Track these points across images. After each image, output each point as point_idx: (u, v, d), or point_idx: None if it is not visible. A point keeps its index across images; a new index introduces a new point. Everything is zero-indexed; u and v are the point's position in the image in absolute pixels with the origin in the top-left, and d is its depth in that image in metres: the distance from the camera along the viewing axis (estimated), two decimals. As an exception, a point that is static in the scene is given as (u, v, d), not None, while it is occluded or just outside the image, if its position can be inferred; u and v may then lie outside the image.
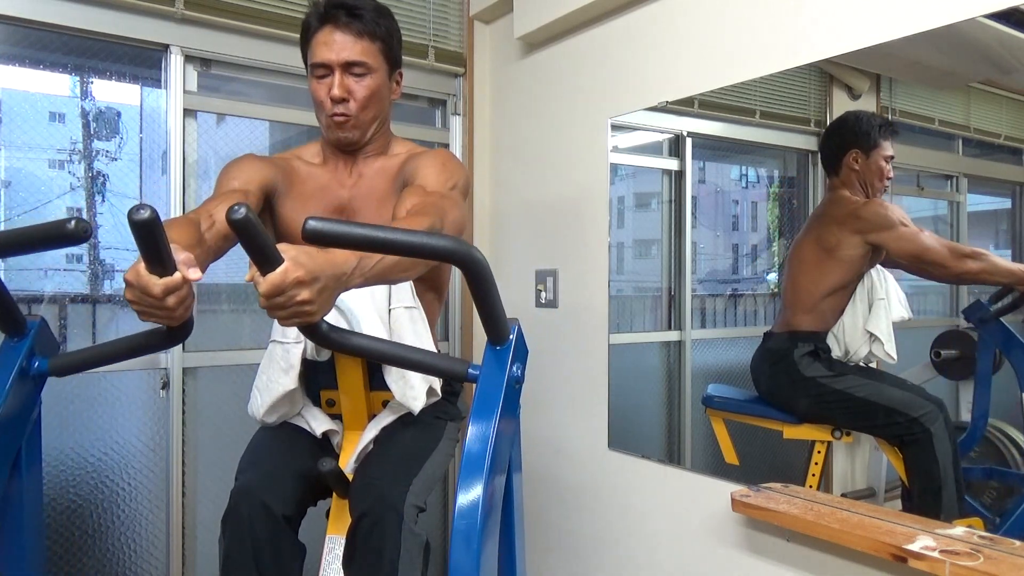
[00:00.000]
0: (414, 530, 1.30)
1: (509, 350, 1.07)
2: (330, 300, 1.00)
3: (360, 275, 1.05)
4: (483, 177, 2.50)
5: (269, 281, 0.92)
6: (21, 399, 1.07)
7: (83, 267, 1.98)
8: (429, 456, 1.44)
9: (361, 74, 1.44)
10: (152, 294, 0.94)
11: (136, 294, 0.95)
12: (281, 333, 1.43)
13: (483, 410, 1.01)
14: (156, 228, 0.88)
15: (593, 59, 2.06)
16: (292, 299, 0.94)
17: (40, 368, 1.10)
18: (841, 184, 1.55)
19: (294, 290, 0.93)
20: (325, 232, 0.88)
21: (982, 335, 1.40)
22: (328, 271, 0.97)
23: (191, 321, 1.07)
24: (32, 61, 1.83)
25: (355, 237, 0.89)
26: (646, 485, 1.89)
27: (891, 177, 1.50)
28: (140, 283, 0.94)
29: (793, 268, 1.67)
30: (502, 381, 1.04)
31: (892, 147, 1.49)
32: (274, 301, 0.94)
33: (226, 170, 1.48)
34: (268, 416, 1.46)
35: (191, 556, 2.01)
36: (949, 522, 1.31)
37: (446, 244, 0.94)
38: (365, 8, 1.43)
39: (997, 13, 1.22)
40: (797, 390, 1.61)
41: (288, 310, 0.95)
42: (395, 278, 1.17)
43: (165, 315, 0.98)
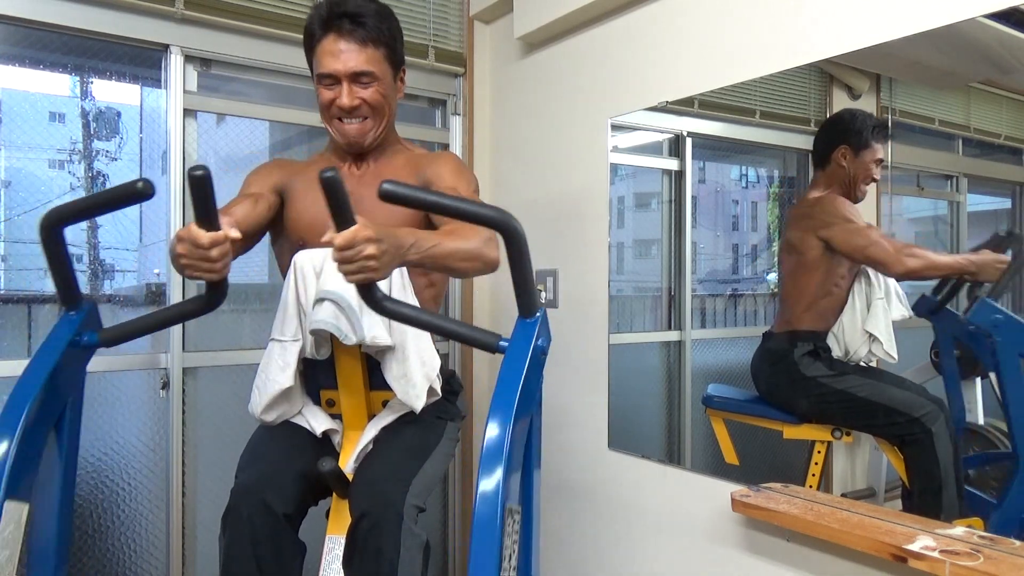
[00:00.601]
0: (414, 530, 1.30)
1: (536, 324, 1.17)
2: (390, 264, 1.13)
3: (416, 252, 1.20)
4: (483, 177, 2.49)
5: (343, 235, 1.06)
6: (71, 364, 1.20)
7: (83, 267, 1.98)
8: (429, 456, 1.44)
9: (368, 82, 1.46)
10: (200, 244, 1.09)
11: (186, 246, 1.10)
12: (280, 331, 1.43)
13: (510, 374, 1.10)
14: (208, 186, 1.04)
15: (593, 59, 2.06)
16: (360, 253, 1.07)
17: (90, 340, 1.23)
18: (824, 179, 1.58)
19: (363, 245, 1.07)
20: (396, 192, 1.03)
21: (936, 327, 1.45)
22: (391, 239, 1.13)
23: (226, 283, 1.20)
24: (32, 61, 1.83)
25: (420, 199, 1.07)
26: (646, 485, 1.89)
27: (877, 179, 1.51)
28: (191, 235, 1.09)
29: (782, 269, 1.69)
30: (528, 349, 1.13)
31: (883, 151, 1.50)
32: (344, 254, 1.07)
33: (250, 175, 1.60)
34: (267, 414, 1.46)
35: (191, 556, 2.01)
36: (949, 522, 1.31)
37: (492, 212, 1.09)
38: (367, 14, 1.44)
39: (997, 13, 1.22)
40: (797, 390, 1.61)
41: (355, 264, 1.08)
42: (449, 265, 1.29)
43: (208, 267, 1.12)
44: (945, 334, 1.45)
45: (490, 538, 0.99)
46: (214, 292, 1.20)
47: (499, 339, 1.17)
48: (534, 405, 1.21)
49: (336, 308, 1.34)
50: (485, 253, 1.34)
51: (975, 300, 1.39)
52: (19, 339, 1.84)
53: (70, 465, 1.24)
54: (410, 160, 1.58)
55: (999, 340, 1.37)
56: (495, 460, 1.02)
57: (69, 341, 1.18)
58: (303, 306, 1.41)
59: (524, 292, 1.16)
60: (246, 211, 1.45)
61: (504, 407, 1.06)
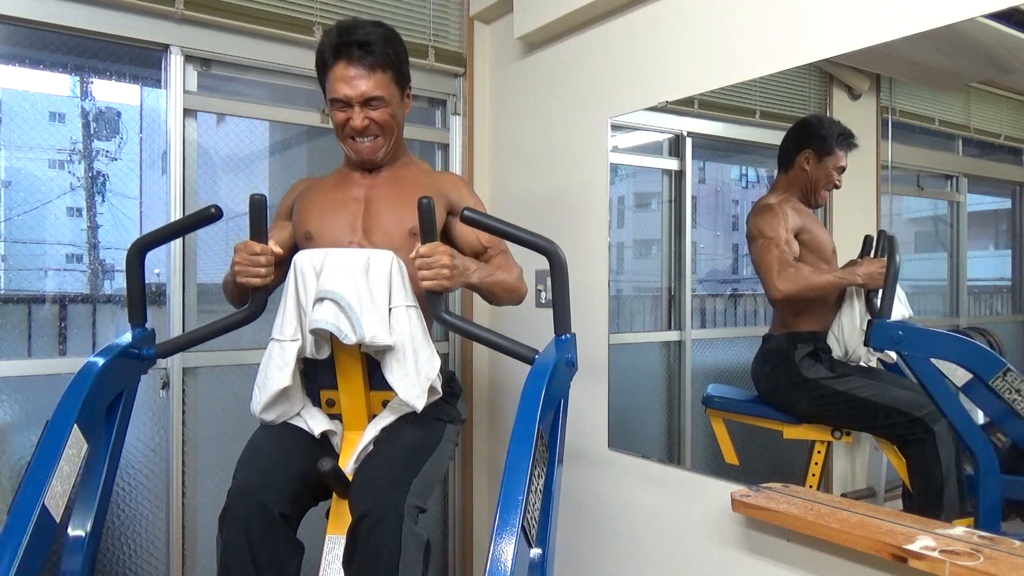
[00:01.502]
0: (414, 530, 1.30)
1: (567, 343, 1.36)
2: (459, 277, 1.40)
3: (478, 276, 1.48)
4: (483, 177, 2.49)
5: (428, 245, 1.35)
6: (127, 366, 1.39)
7: (83, 267, 1.98)
8: (429, 457, 1.44)
9: (378, 105, 1.55)
10: (254, 251, 1.40)
11: (242, 255, 1.40)
12: (279, 331, 1.44)
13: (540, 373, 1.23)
14: (264, 208, 1.39)
15: (593, 59, 2.06)
16: (438, 261, 1.35)
17: (148, 352, 1.45)
18: (786, 180, 1.60)
19: (440, 255, 1.35)
20: (475, 219, 1.34)
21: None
22: (462, 259, 1.43)
23: (267, 297, 1.46)
24: (32, 61, 1.83)
25: (492, 226, 1.36)
26: (646, 485, 1.89)
27: (838, 186, 1.52)
28: (247, 245, 1.40)
29: None
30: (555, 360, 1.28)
31: (846, 159, 1.51)
32: (426, 260, 1.35)
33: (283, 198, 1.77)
34: (267, 414, 1.46)
35: (191, 556, 2.00)
36: (949, 522, 1.31)
37: (544, 242, 1.35)
38: (375, 41, 1.51)
39: (997, 13, 1.21)
40: (798, 392, 1.61)
41: (433, 270, 1.35)
42: (498, 293, 1.57)
43: (256, 271, 1.41)
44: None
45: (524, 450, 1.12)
46: (257, 299, 1.45)
47: (536, 353, 1.35)
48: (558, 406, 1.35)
49: (336, 308, 1.35)
50: (521, 288, 1.63)
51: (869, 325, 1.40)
52: (19, 339, 1.84)
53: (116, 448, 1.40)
54: (421, 174, 1.68)
55: (907, 354, 1.39)
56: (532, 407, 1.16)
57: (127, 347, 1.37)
58: (303, 306, 1.41)
59: (561, 313, 1.36)
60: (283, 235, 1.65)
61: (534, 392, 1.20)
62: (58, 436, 1.16)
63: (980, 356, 1.34)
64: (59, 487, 1.14)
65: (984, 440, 1.34)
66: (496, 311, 2.46)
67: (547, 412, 1.23)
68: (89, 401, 1.22)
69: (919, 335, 1.39)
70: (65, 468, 1.15)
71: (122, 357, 1.35)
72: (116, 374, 1.33)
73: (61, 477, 1.14)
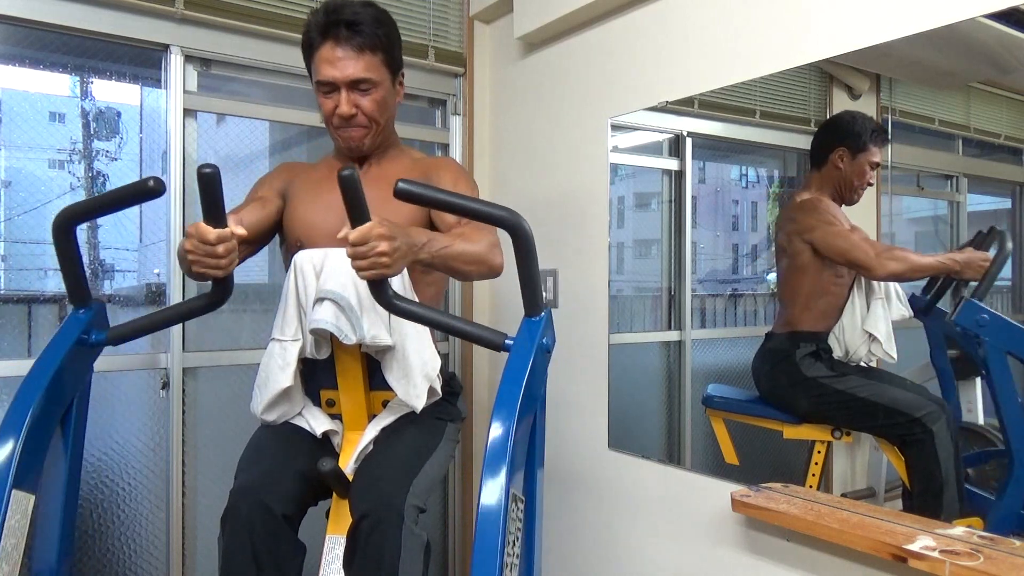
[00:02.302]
0: (415, 530, 1.30)
1: (542, 323, 1.20)
2: (402, 261, 1.17)
3: (428, 252, 1.24)
4: (483, 177, 2.49)
5: (358, 231, 1.11)
6: (77, 362, 1.23)
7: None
8: (430, 457, 1.44)
9: (367, 89, 1.47)
10: (207, 240, 1.14)
11: (193, 242, 1.15)
12: (280, 331, 1.43)
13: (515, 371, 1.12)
14: (217, 184, 1.11)
15: (593, 59, 2.06)
16: (373, 249, 1.11)
17: (98, 338, 1.27)
18: (819, 179, 1.58)
19: (376, 241, 1.11)
20: (411, 191, 1.08)
21: (926, 326, 1.46)
22: (405, 237, 1.16)
23: (231, 282, 1.24)
24: (32, 61, 1.83)
25: (433, 197, 1.12)
26: (646, 485, 1.89)
27: (872, 183, 1.51)
28: (199, 231, 1.14)
29: (778, 271, 1.70)
30: (532, 347, 1.15)
31: (881, 154, 1.50)
32: (358, 250, 1.12)
33: (259, 179, 1.65)
34: (268, 414, 1.46)
35: (191, 556, 2.00)
36: (949, 522, 1.31)
37: (502, 212, 1.13)
38: (364, 21, 1.44)
39: (997, 13, 1.21)
40: (798, 390, 1.61)
41: (368, 259, 1.12)
42: (456, 267, 1.32)
43: (213, 263, 1.17)
44: (936, 333, 1.46)
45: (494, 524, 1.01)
46: (219, 289, 1.24)
47: (505, 337, 1.19)
48: (538, 402, 1.22)
49: (336, 308, 1.35)
50: (491, 258, 1.39)
51: (960, 301, 1.39)
52: (19, 339, 1.84)
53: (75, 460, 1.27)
54: (412, 163, 1.61)
55: (986, 340, 1.37)
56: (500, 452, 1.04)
57: (76, 339, 1.21)
58: (303, 306, 1.41)
59: (530, 291, 1.20)
60: (254, 214, 1.47)
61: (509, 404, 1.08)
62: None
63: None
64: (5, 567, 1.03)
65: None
66: (496, 302, 2.46)
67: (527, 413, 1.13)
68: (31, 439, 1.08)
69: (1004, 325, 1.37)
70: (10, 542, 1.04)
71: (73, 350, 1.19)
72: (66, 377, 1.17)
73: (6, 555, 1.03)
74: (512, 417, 1.06)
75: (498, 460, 1.04)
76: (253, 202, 1.54)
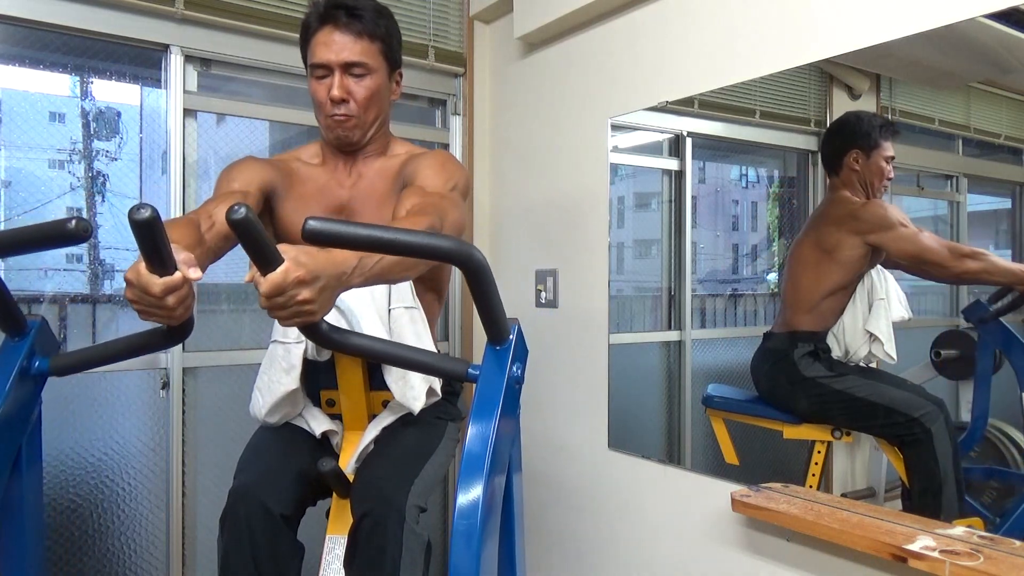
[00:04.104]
0: (416, 530, 1.30)
1: (509, 350, 1.08)
2: (331, 300, 1.01)
3: (360, 275, 1.06)
4: (483, 177, 2.50)
5: (270, 281, 0.92)
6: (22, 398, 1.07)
7: (83, 267, 1.98)
8: (430, 456, 1.44)
9: (361, 75, 1.44)
10: (152, 293, 0.95)
11: (136, 293, 0.96)
12: (282, 333, 1.43)
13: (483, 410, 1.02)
14: (157, 227, 0.88)
15: (593, 59, 2.06)
16: (293, 299, 0.94)
17: (40, 368, 1.10)
18: (842, 184, 1.55)
19: (295, 290, 0.94)
20: (325, 232, 0.88)
21: (982, 335, 1.40)
22: (329, 270, 0.98)
23: (191, 321, 1.07)
24: (32, 61, 1.83)
25: (355, 237, 0.90)
26: (646, 485, 1.89)
27: (891, 178, 1.50)
28: (140, 282, 0.94)
29: (793, 268, 1.67)
30: (502, 381, 1.04)
31: (893, 147, 1.49)
32: (275, 301, 0.94)
33: (226, 172, 1.48)
34: (270, 416, 1.46)
35: (191, 556, 2.01)
36: (949, 522, 1.31)
37: (446, 244, 0.95)
38: (365, 8, 1.43)
39: (997, 13, 1.22)
40: (797, 390, 1.61)
41: (289, 310, 0.96)
42: (395, 277, 1.17)
43: (165, 314, 0.99)
44: (988, 344, 1.40)
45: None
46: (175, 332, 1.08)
47: (468, 366, 1.08)
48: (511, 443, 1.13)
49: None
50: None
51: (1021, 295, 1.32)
52: (19, 339, 1.84)
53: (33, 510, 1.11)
54: (401, 162, 1.53)
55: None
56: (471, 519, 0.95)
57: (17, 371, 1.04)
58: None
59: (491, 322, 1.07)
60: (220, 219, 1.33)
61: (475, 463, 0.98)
62: None
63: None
64: None
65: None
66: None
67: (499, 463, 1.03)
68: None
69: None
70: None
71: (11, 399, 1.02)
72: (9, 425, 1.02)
73: None
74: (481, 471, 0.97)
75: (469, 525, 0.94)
76: (229, 196, 1.38)
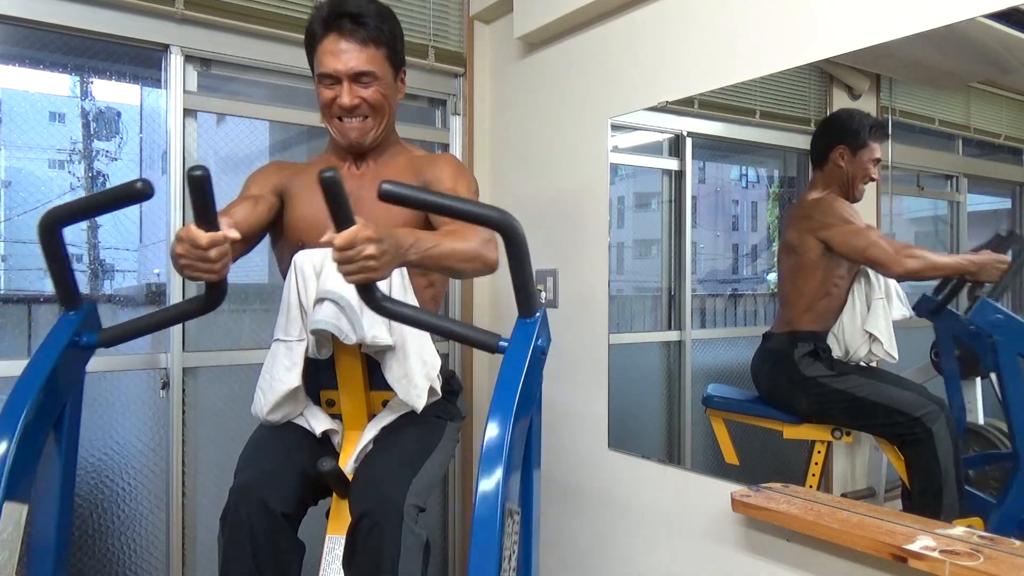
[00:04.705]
0: (414, 530, 1.30)
1: (536, 324, 1.17)
2: (391, 264, 1.14)
3: (416, 252, 1.20)
4: (483, 177, 2.49)
5: (344, 235, 1.07)
6: (71, 363, 1.20)
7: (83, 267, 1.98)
8: (429, 456, 1.44)
9: (368, 82, 1.47)
10: (199, 244, 1.10)
11: (185, 246, 1.11)
12: (284, 332, 1.43)
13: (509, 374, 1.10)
14: (208, 186, 1.05)
15: (593, 59, 2.06)
16: (360, 253, 1.08)
17: (89, 341, 1.23)
18: (822, 179, 1.58)
19: (363, 245, 1.07)
20: (395, 193, 1.04)
21: (936, 327, 1.45)
22: (391, 239, 1.13)
23: (226, 284, 1.20)
24: (32, 61, 1.83)
25: (419, 199, 1.08)
26: (646, 485, 1.89)
27: (875, 179, 1.51)
28: (190, 235, 1.09)
29: (779, 270, 1.69)
30: (528, 349, 1.13)
31: (881, 150, 1.50)
32: (345, 254, 1.08)
33: (250, 177, 1.60)
34: (272, 415, 1.46)
35: (191, 556, 2.01)
36: (949, 522, 1.31)
37: (492, 212, 1.09)
38: (368, 15, 1.44)
39: (997, 13, 1.22)
40: (797, 390, 1.61)
41: (355, 264, 1.09)
42: (447, 266, 1.29)
43: (207, 268, 1.13)
44: (946, 334, 1.45)
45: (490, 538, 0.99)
46: (213, 292, 1.20)
47: (499, 339, 1.17)
48: (534, 405, 1.21)
49: (336, 308, 1.35)
50: (484, 254, 1.35)
51: (975, 300, 1.39)
52: (19, 339, 1.84)
53: (69, 466, 1.24)
54: (410, 161, 1.59)
55: (999, 340, 1.37)
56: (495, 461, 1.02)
57: (68, 341, 1.18)
58: (304, 306, 1.41)
59: (524, 292, 1.16)
60: (246, 213, 1.45)
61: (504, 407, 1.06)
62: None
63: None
64: None
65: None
66: (494, 305, 2.46)
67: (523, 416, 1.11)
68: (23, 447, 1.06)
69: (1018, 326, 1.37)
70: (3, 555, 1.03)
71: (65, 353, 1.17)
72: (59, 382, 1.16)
73: None
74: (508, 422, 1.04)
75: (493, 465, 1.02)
76: (246, 200, 1.51)
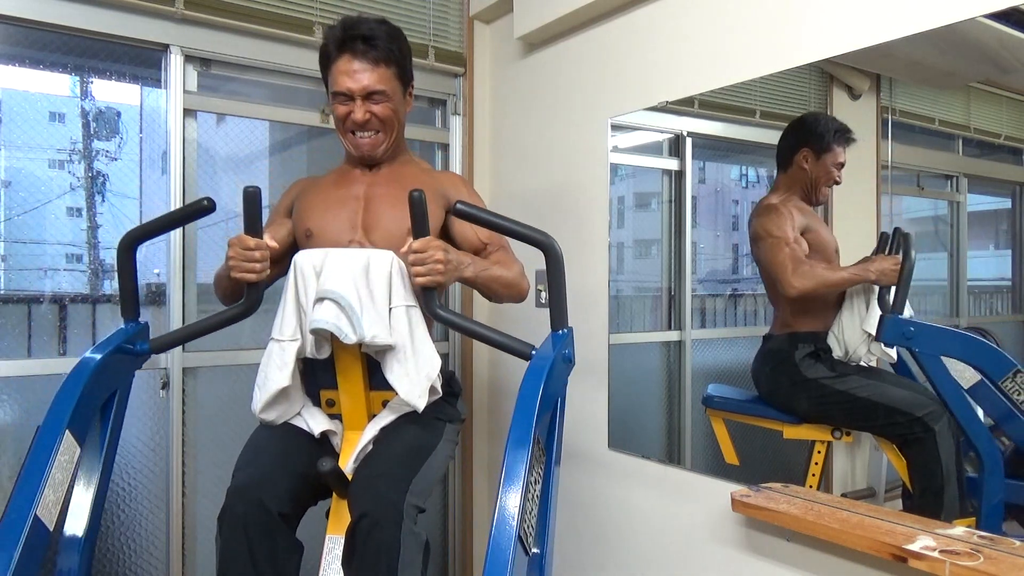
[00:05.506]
0: (414, 530, 1.30)
1: (564, 337, 1.34)
2: (453, 273, 1.40)
3: (472, 271, 1.46)
4: (483, 177, 2.49)
5: (420, 241, 1.34)
6: (118, 365, 1.35)
7: (83, 267, 1.98)
8: (429, 456, 1.44)
9: (380, 99, 1.56)
10: (247, 246, 1.36)
11: (236, 249, 1.36)
12: (279, 331, 1.44)
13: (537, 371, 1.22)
14: (259, 201, 1.33)
15: (593, 59, 2.06)
16: (431, 256, 1.34)
17: (142, 348, 1.41)
18: (785, 180, 1.60)
19: (434, 251, 1.34)
20: (465, 211, 1.33)
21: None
22: (455, 254, 1.42)
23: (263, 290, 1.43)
24: (32, 61, 1.83)
25: (484, 219, 1.36)
26: (646, 485, 1.89)
27: (838, 182, 1.52)
28: (241, 239, 1.37)
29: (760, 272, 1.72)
30: (552, 356, 1.26)
31: (844, 154, 1.51)
32: (419, 256, 1.34)
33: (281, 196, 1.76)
34: (267, 413, 1.46)
35: (191, 556, 2.00)
36: (949, 522, 1.31)
37: (539, 235, 1.34)
38: (379, 36, 1.53)
39: (997, 13, 1.21)
40: (799, 391, 1.61)
41: (427, 266, 1.34)
42: (492, 288, 1.54)
43: (250, 266, 1.37)
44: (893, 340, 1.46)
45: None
46: (251, 297, 1.41)
47: (532, 348, 1.34)
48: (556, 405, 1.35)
49: (336, 308, 1.35)
50: (521, 284, 1.59)
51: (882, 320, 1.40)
52: (19, 339, 1.84)
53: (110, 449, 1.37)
54: (420, 172, 1.68)
55: (918, 350, 1.39)
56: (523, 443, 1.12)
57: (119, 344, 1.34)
58: (303, 306, 1.41)
59: (557, 308, 1.35)
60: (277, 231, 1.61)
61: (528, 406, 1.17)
62: (49, 442, 1.13)
63: (991, 356, 1.33)
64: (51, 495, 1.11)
65: (991, 442, 1.35)
66: (495, 310, 2.46)
67: (544, 412, 1.21)
68: (82, 403, 1.20)
69: (931, 332, 1.39)
70: (58, 476, 1.13)
71: (116, 354, 1.33)
72: (110, 372, 1.31)
73: (53, 485, 1.12)
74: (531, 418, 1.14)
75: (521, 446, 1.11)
76: (277, 219, 1.68)
